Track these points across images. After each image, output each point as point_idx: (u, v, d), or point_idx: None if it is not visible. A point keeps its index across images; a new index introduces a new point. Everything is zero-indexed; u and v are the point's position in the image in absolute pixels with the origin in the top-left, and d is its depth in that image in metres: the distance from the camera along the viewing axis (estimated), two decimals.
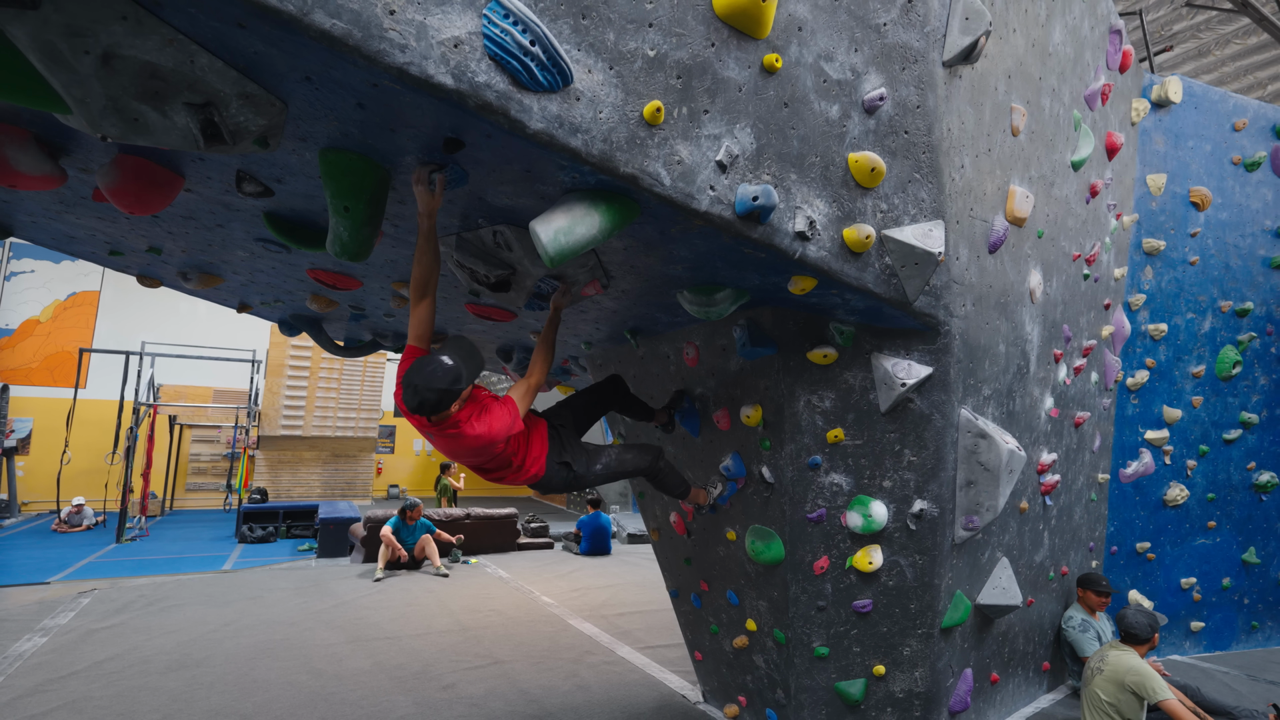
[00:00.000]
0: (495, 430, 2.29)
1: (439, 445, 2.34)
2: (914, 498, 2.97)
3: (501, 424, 2.31)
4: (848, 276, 2.38)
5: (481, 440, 2.27)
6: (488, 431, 2.27)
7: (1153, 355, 5.16)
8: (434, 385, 2.11)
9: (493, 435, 2.28)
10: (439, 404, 2.13)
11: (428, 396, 2.11)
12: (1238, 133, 5.35)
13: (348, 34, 1.46)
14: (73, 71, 1.50)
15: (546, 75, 1.67)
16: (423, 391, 2.11)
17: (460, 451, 2.32)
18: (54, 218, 2.95)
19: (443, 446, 2.34)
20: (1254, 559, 5.49)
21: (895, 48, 2.37)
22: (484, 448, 2.32)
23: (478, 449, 2.32)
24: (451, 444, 2.29)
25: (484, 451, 2.36)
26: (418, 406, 2.13)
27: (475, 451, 2.34)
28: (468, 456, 2.37)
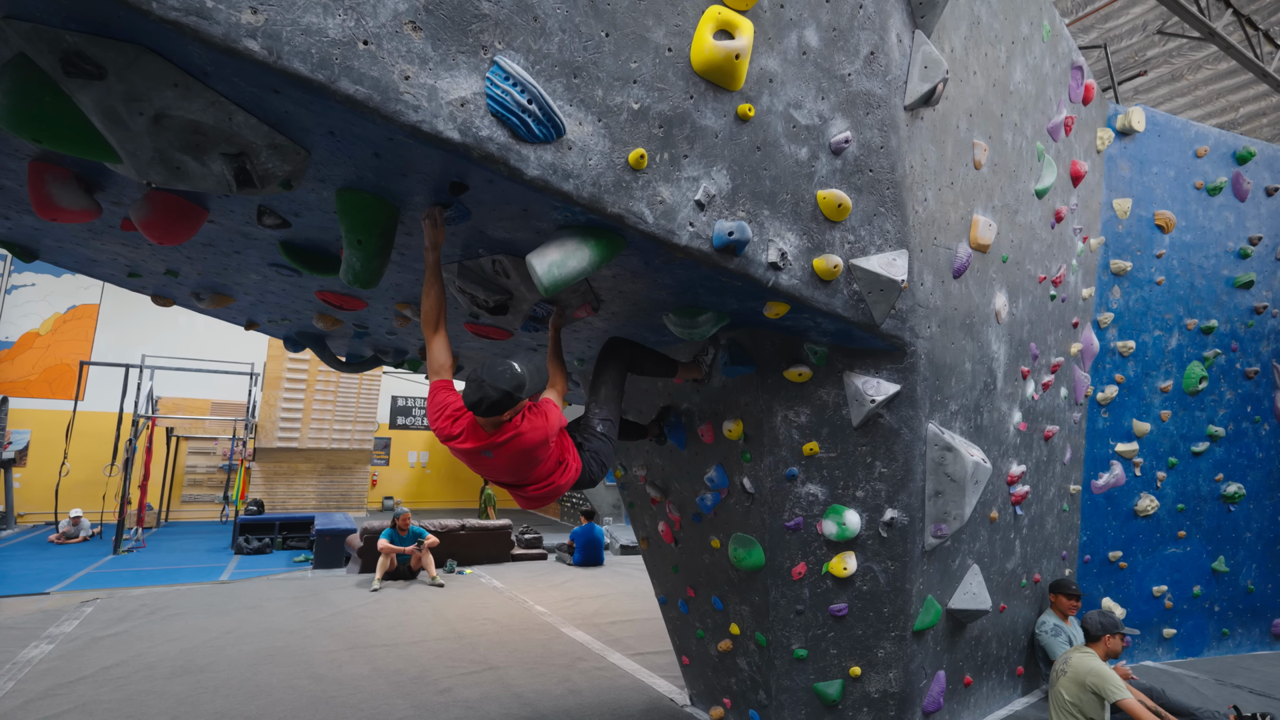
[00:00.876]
0: (550, 424, 2.35)
1: (483, 464, 2.37)
2: (885, 507, 3.17)
3: (554, 418, 2.39)
4: (818, 302, 2.59)
5: (539, 436, 2.31)
6: (544, 425, 2.32)
7: (1122, 371, 5.40)
8: (500, 384, 2.16)
9: (548, 430, 2.34)
10: (499, 404, 2.17)
11: (490, 394, 2.16)
12: (1200, 159, 5.63)
13: (369, 98, 1.67)
14: (128, 130, 1.71)
15: (542, 129, 1.89)
16: (488, 388, 2.16)
17: (510, 461, 2.33)
18: (80, 244, 3.15)
19: (489, 465, 2.36)
20: (1223, 567, 5.70)
21: (859, 95, 2.60)
22: (535, 449, 2.33)
23: (529, 452, 2.33)
24: (502, 455, 2.30)
25: (531, 457, 2.36)
26: (478, 401, 2.17)
27: (524, 456, 2.34)
28: (515, 466, 2.37)
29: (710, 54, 2.15)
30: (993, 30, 3.46)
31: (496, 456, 2.32)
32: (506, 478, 2.45)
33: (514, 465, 2.36)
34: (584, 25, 1.97)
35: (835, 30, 2.50)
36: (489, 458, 2.34)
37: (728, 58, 2.16)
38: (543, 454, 2.39)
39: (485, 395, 2.16)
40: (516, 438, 2.28)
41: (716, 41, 2.15)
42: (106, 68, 1.58)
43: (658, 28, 2.10)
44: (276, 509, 13.57)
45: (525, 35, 1.88)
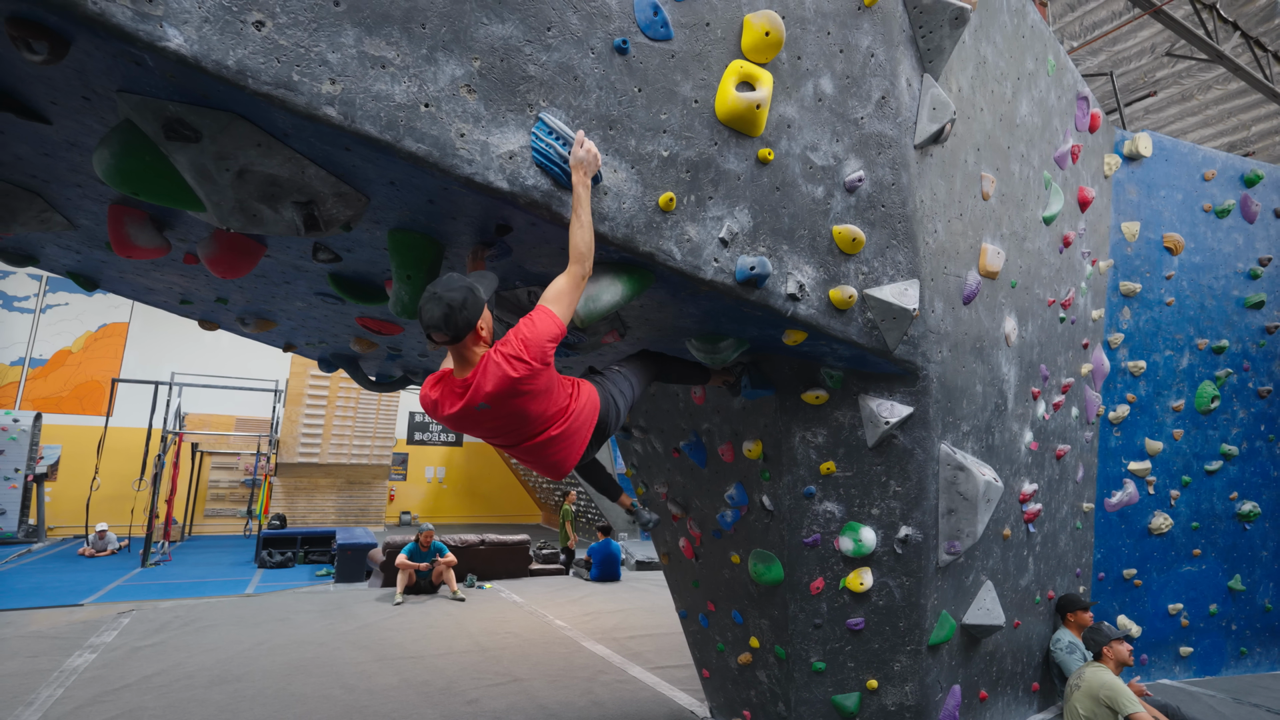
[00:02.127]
0: (535, 337, 1.92)
1: (486, 422, 2.05)
2: (900, 524, 3.30)
3: (537, 329, 1.93)
4: (834, 330, 2.75)
5: (527, 358, 1.91)
6: (526, 339, 1.92)
7: (1133, 390, 5.48)
8: (456, 284, 1.93)
9: (533, 341, 1.92)
10: (464, 306, 1.90)
11: (452, 298, 1.89)
12: (1207, 182, 5.74)
13: (429, 154, 1.87)
14: (215, 184, 1.91)
15: None
16: (446, 295, 1.89)
17: (504, 400, 1.96)
18: (141, 275, 3.38)
19: (491, 420, 2.03)
20: (1240, 586, 5.72)
21: (872, 136, 2.77)
22: (519, 371, 1.91)
23: (511, 375, 1.92)
24: (494, 399, 1.95)
25: (525, 386, 1.94)
26: (444, 315, 1.89)
27: (515, 385, 1.93)
28: (514, 407, 1.99)
29: (733, 105, 2.33)
30: (999, 68, 3.62)
31: (495, 406, 1.97)
32: (516, 431, 2.09)
33: (511, 406, 1.99)
34: (619, 82, 2.16)
35: (849, 78, 2.68)
36: (486, 410, 1.98)
37: (749, 108, 2.35)
38: (540, 381, 1.99)
39: (449, 304, 1.89)
40: (492, 364, 1.93)
41: (739, 93, 2.34)
42: (202, 132, 1.79)
43: (685, 82, 2.29)
44: (296, 523, 13.80)
45: (566, 93, 2.08)
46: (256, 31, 1.63)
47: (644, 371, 2.71)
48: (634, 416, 4.34)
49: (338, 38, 1.73)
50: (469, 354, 2.04)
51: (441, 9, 1.87)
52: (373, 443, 14.96)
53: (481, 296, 1.99)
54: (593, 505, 14.80)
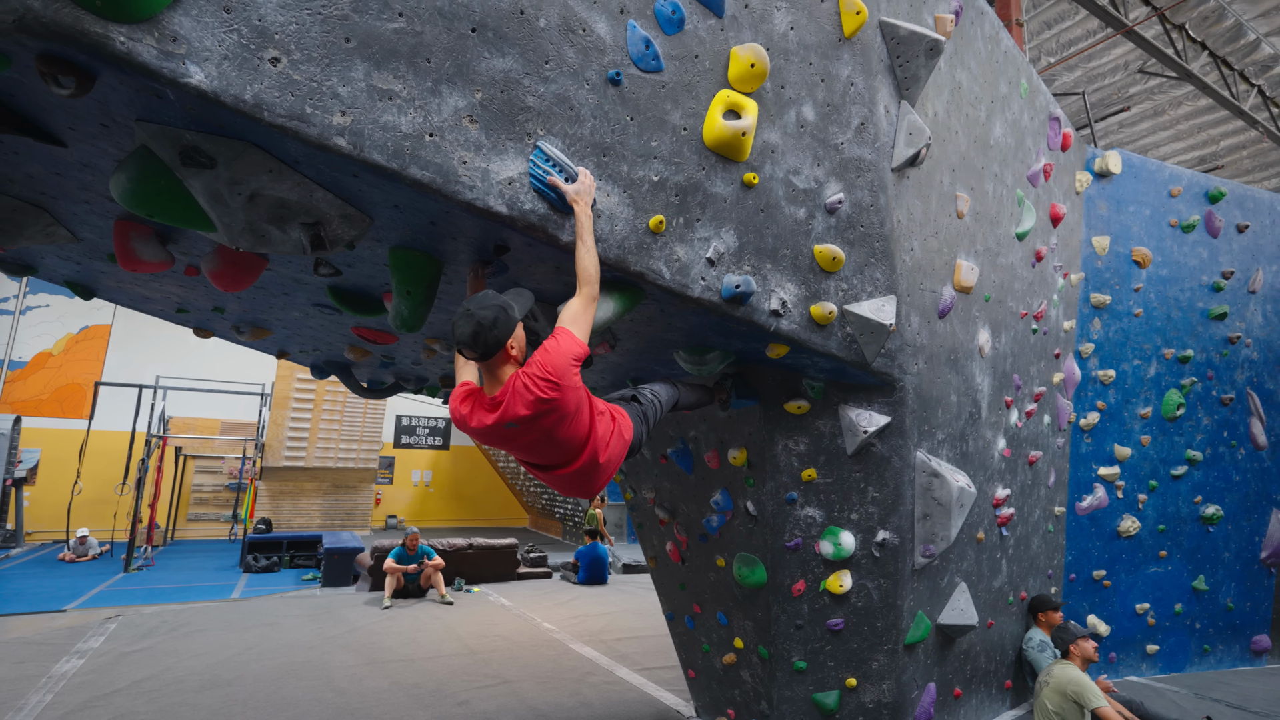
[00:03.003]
0: (558, 361, 1.95)
1: (517, 441, 2.07)
2: (877, 528, 3.44)
3: (561, 352, 1.97)
4: (815, 344, 2.89)
5: (551, 379, 1.94)
6: (550, 367, 1.94)
7: (1103, 398, 5.69)
8: (487, 303, 1.99)
9: (557, 366, 1.95)
10: (495, 325, 1.97)
11: (484, 316, 1.96)
12: (1174, 198, 5.98)
13: (433, 180, 1.98)
14: (227, 207, 2.00)
15: None
16: (478, 313, 1.96)
17: (535, 420, 1.99)
18: (140, 285, 3.44)
19: (522, 438, 2.06)
20: (1203, 586, 5.95)
21: (851, 161, 2.92)
22: (548, 393, 1.95)
23: (541, 397, 1.95)
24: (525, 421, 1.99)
25: (555, 404, 1.97)
26: (473, 333, 1.96)
27: (546, 404, 1.96)
28: (546, 426, 2.02)
29: (720, 132, 2.46)
30: (973, 93, 3.80)
31: (523, 426, 2.00)
32: (547, 450, 2.11)
33: (540, 426, 2.02)
34: (612, 112, 2.28)
35: (829, 106, 2.82)
36: (515, 429, 2.02)
37: (735, 135, 2.48)
38: (567, 403, 2.01)
39: (480, 322, 1.95)
40: (520, 385, 1.97)
41: (726, 121, 2.47)
42: (217, 159, 1.88)
43: (675, 111, 2.41)
44: (281, 527, 13.73)
45: (563, 123, 2.20)
46: (272, 67, 1.73)
47: (670, 397, 2.77)
48: None
49: (348, 72, 1.84)
50: (499, 372, 2.08)
51: (446, 44, 1.98)
52: (359, 446, 14.93)
53: (514, 316, 2.04)
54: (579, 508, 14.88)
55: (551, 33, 2.14)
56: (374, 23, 1.86)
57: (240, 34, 1.69)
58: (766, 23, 2.61)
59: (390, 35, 1.89)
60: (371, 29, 1.86)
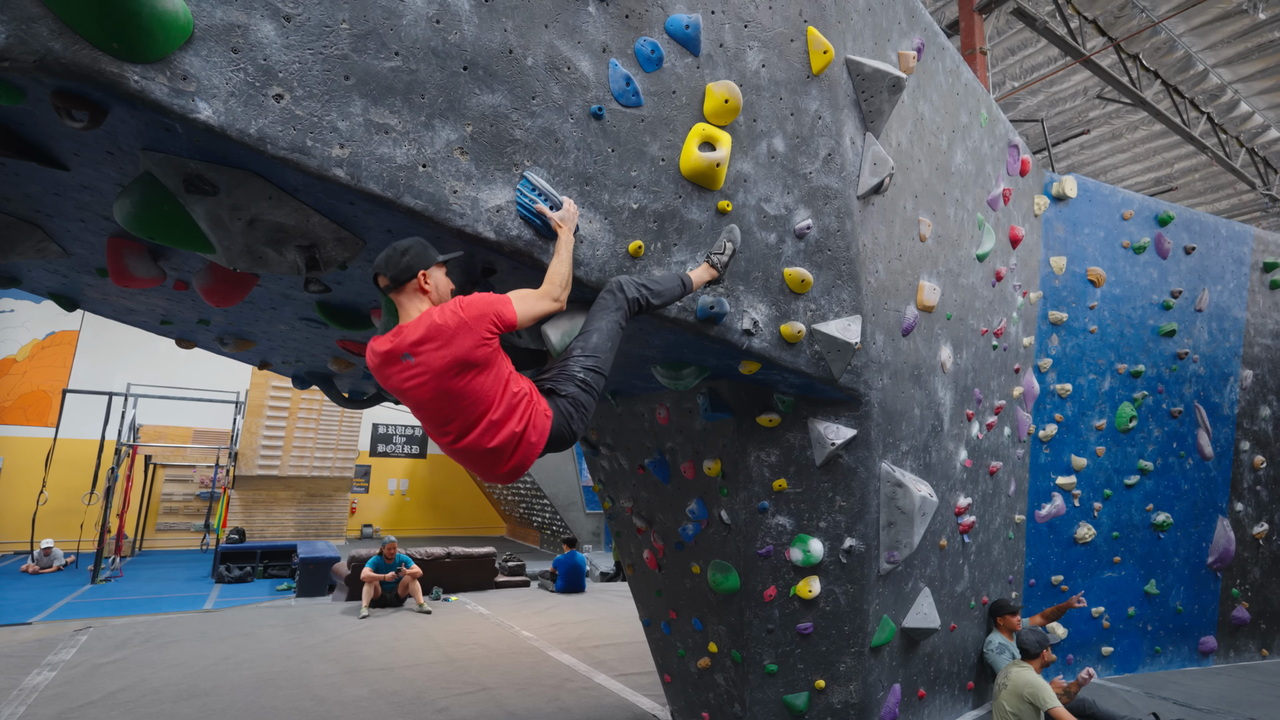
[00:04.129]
0: (477, 301, 1.98)
1: (407, 383, 1.98)
2: (845, 536, 3.61)
3: (488, 300, 1.99)
4: (785, 361, 3.05)
5: (459, 313, 1.95)
6: (467, 302, 1.99)
7: (1061, 411, 5.97)
8: (399, 243, 2.08)
9: (474, 305, 1.98)
10: (409, 252, 2.03)
11: (399, 243, 2.06)
12: (1126, 221, 6.30)
13: (425, 208, 2.10)
14: (227, 231, 2.10)
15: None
16: (396, 243, 2.06)
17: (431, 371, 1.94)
18: (125, 298, 3.49)
19: (413, 383, 1.97)
20: (1154, 590, 6.24)
21: (819, 189, 3.10)
22: (452, 338, 1.93)
23: (436, 323, 1.94)
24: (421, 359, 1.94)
25: (455, 354, 1.93)
26: (385, 259, 2.04)
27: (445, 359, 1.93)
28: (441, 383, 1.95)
29: (696, 163, 2.62)
30: (935, 123, 4.02)
31: (419, 360, 1.94)
32: (440, 405, 1.99)
33: (445, 371, 1.94)
34: (594, 144, 2.43)
35: (799, 138, 3.00)
36: (409, 363, 1.96)
37: (710, 165, 2.64)
38: (477, 349, 1.95)
39: (395, 248, 2.04)
40: (425, 315, 1.97)
41: (701, 153, 2.63)
42: (220, 187, 1.98)
43: (654, 143, 2.57)
44: (255, 537, 13.55)
45: (548, 154, 2.34)
46: (276, 103, 1.85)
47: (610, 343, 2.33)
48: (601, 435, 4.58)
49: (347, 108, 1.96)
50: (410, 306, 2.05)
51: (439, 81, 2.11)
52: (335, 455, 14.80)
53: (431, 254, 2.06)
54: (558, 518, 14.92)
55: (538, 71, 2.29)
56: (372, 61, 1.99)
57: (247, 72, 1.80)
58: (740, 61, 2.78)
59: (387, 73, 2.01)
60: (370, 67, 1.98)
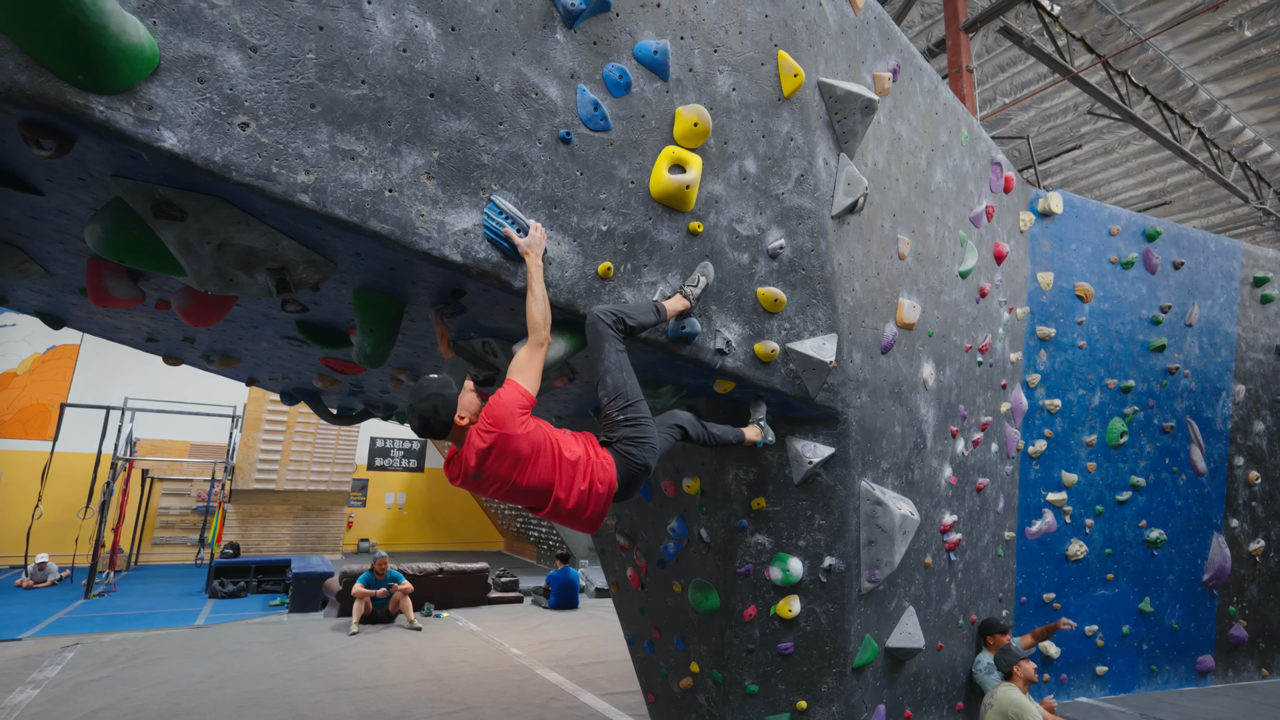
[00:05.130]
0: (499, 411, 2.15)
1: (488, 487, 2.24)
2: (824, 555, 3.60)
3: (503, 403, 2.17)
4: (759, 380, 3.07)
5: (493, 429, 2.14)
6: (494, 417, 2.15)
7: (1050, 426, 5.96)
8: (422, 395, 2.14)
9: (499, 416, 2.15)
10: (436, 412, 2.14)
11: (423, 409, 2.13)
12: (1113, 237, 6.33)
13: (391, 232, 2.13)
14: (197, 254, 2.14)
15: None
16: (417, 407, 2.13)
17: (501, 469, 2.19)
18: (110, 316, 3.52)
19: (496, 486, 2.24)
20: (1149, 608, 6.19)
21: (792, 209, 3.13)
22: (503, 449, 2.15)
23: (499, 451, 2.16)
24: (487, 469, 2.18)
25: (510, 456, 2.17)
26: (421, 425, 2.15)
27: (502, 460, 2.17)
28: (512, 473, 2.21)
29: (666, 185, 2.65)
30: (913, 143, 4.06)
31: (485, 475, 2.20)
32: (523, 495, 2.28)
33: (510, 472, 2.21)
34: (563, 168, 2.47)
35: (770, 159, 3.04)
36: (480, 481, 2.23)
37: (680, 188, 2.67)
38: (515, 445, 2.18)
39: (423, 414, 2.14)
40: (481, 454, 2.17)
41: (671, 175, 2.67)
42: (188, 212, 2.02)
43: (623, 166, 2.60)
44: (250, 552, 13.52)
45: (516, 178, 2.37)
46: (241, 131, 1.88)
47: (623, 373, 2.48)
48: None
49: (313, 135, 1.99)
50: (458, 435, 2.25)
51: (406, 108, 2.15)
52: (332, 469, 14.80)
53: (452, 396, 2.18)
54: (553, 532, 14.86)
55: (506, 96, 2.33)
56: (338, 90, 2.03)
57: (212, 102, 1.84)
58: (710, 85, 2.82)
59: (353, 101, 2.05)
60: (336, 95, 2.02)
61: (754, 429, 3.16)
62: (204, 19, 1.82)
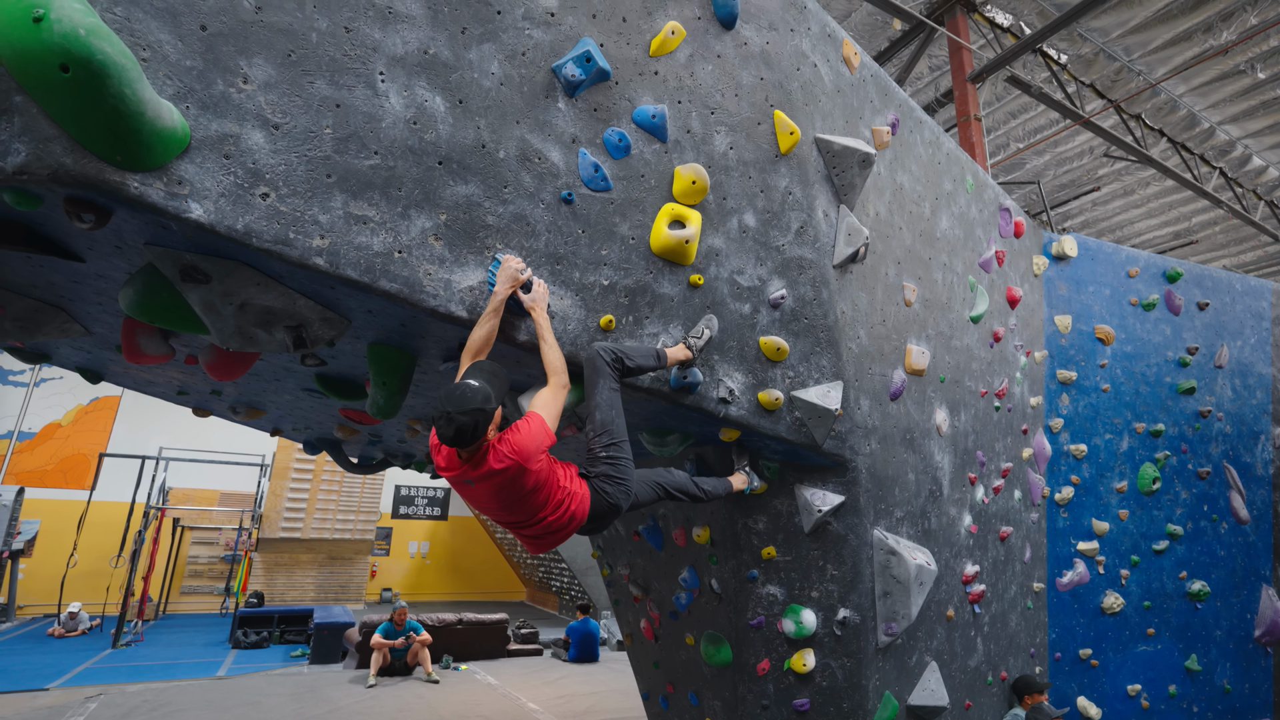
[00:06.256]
0: (525, 445, 2.19)
1: (471, 494, 2.30)
2: (838, 606, 3.52)
3: (531, 437, 2.21)
4: (764, 428, 3.09)
5: (514, 458, 2.17)
6: (517, 447, 2.19)
7: (1077, 473, 5.79)
8: (466, 408, 2.08)
9: (524, 449, 2.19)
10: (475, 428, 2.10)
11: (463, 421, 2.07)
12: (1132, 279, 6.26)
13: (400, 291, 2.25)
14: (220, 315, 2.28)
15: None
16: (457, 418, 2.07)
17: (494, 492, 2.24)
18: (144, 371, 3.71)
19: (475, 494, 2.29)
20: (1196, 666, 5.85)
21: (793, 260, 3.20)
22: (514, 477, 2.20)
23: (509, 478, 2.20)
24: (486, 484, 2.23)
25: (515, 485, 2.22)
26: (455, 435, 2.09)
27: (508, 485, 2.22)
28: (503, 500, 2.27)
29: (666, 240, 2.75)
30: (915, 192, 4.14)
31: (478, 487, 2.26)
32: (501, 513, 2.34)
33: (501, 498, 2.28)
34: (565, 227, 2.58)
35: (769, 213, 3.13)
36: (471, 487, 2.28)
37: (680, 243, 2.77)
38: (531, 480, 2.25)
39: (459, 425, 2.09)
40: (489, 469, 2.20)
41: (671, 231, 2.77)
42: (212, 275, 2.16)
43: (624, 223, 2.72)
44: (275, 600, 13.58)
45: (520, 237, 2.49)
46: (262, 201, 2.03)
47: (613, 411, 2.53)
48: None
49: (328, 202, 2.14)
50: (474, 445, 2.22)
51: (415, 175, 2.29)
52: (356, 517, 14.91)
53: (491, 409, 2.15)
54: (575, 582, 14.66)
55: (510, 162, 2.47)
56: (352, 160, 2.18)
57: (236, 175, 2.00)
58: (707, 144, 2.95)
59: (366, 170, 2.21)
60: (350, 166, 2.18)
61: (740, 476, 3.25)
62: (232, 102, 2.00)
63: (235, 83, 2.00)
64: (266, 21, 2.05)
